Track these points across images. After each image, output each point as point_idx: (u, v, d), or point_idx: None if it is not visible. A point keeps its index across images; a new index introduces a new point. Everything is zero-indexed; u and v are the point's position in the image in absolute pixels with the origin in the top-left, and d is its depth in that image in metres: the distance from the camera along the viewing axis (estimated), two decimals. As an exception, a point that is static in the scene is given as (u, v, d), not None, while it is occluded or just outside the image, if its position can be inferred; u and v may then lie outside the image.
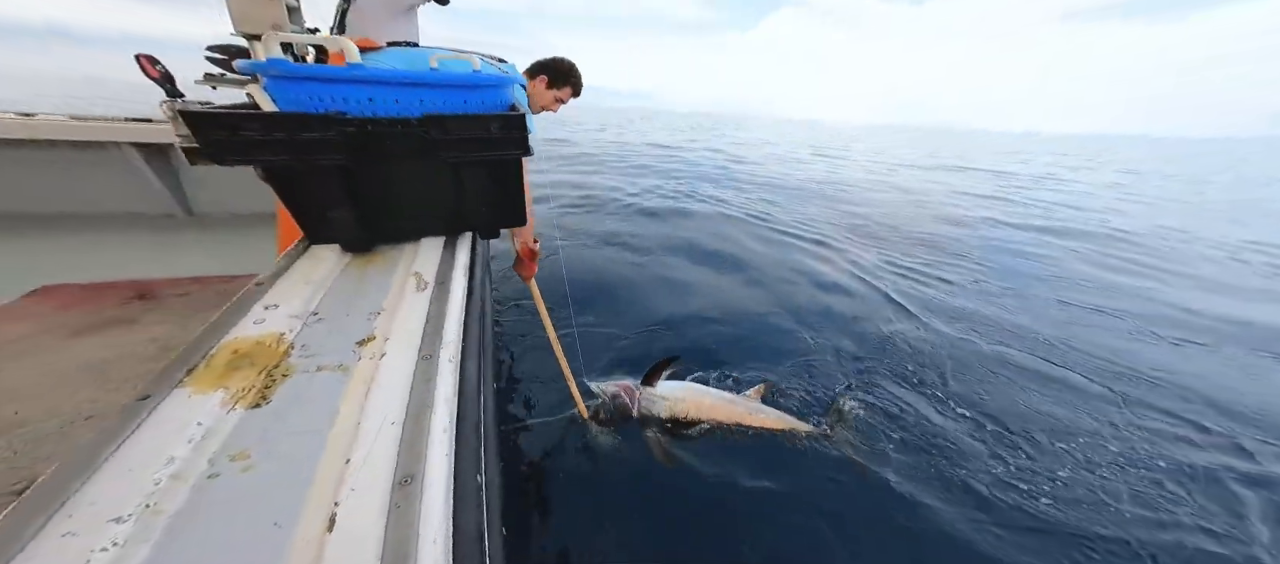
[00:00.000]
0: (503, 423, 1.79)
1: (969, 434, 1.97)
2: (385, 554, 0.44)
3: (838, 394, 2.09)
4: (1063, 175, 13.29)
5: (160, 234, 1.92)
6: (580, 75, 1.66)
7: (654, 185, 6.91)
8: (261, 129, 0.87)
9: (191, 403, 0.58)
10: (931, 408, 2.09)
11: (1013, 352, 2.66)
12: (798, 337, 2.63)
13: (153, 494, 0.47)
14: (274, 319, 0.77)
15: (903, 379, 2.31)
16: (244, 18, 1.05)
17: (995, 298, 3.49)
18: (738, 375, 2.22)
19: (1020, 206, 7.53)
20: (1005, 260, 4.49)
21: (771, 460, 1.74)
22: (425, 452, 0.55)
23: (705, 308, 2.91)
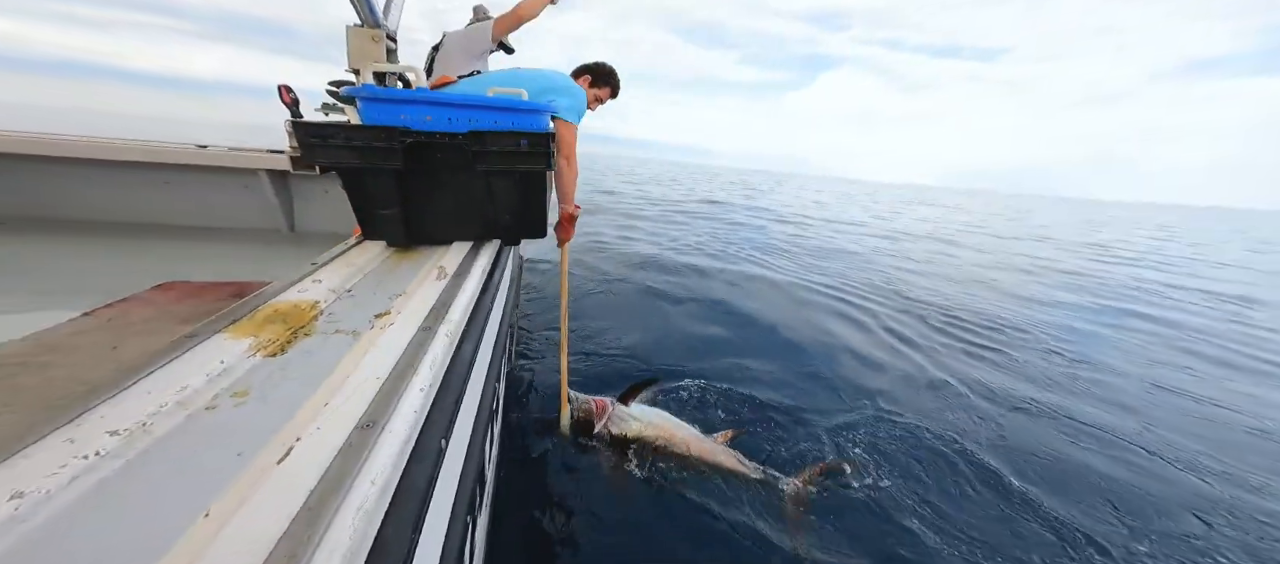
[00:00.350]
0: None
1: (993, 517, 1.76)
2: (320, 485, 0.48)
3: (816, 462, 1.93)
4: (1173, 253, 11.19)
5: (266, 246, 2.25)
6: (619, 79, 1.89)
7: (695, 242, 6.75)
8: (342, 138, 1.14)
9: (224, 346, 0.69)
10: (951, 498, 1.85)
11: (1089, 448, 2.29)
12: (814, 401, 2.46)
13: (154, 416, 0.54)
14: (315, 290, 0.92)
15: (926, 460, 2.06)
16: (355, 55, 1.39)
17: (1068, 382, 3.02)
18: (723, 416, 2.19)
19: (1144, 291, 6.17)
20: (1095, 347, 3.76)
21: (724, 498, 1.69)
22: (396, 405, 0.61)
23: (725, 361, 2.80)
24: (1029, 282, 6.21)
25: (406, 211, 1.25)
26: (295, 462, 0.52)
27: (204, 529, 0.44)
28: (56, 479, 0.45)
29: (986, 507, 1.82)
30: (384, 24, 1.34)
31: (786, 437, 2.10)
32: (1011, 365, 3.23)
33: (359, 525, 0.46)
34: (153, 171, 2.32)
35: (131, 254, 2.01)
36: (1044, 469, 2.06)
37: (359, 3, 1.25)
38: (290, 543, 0.43)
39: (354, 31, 1.31)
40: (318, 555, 0.41)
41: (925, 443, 2.16)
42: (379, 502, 0.50)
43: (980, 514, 1.78)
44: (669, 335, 3.14)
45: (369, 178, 1.18)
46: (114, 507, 0.45)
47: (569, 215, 1.82)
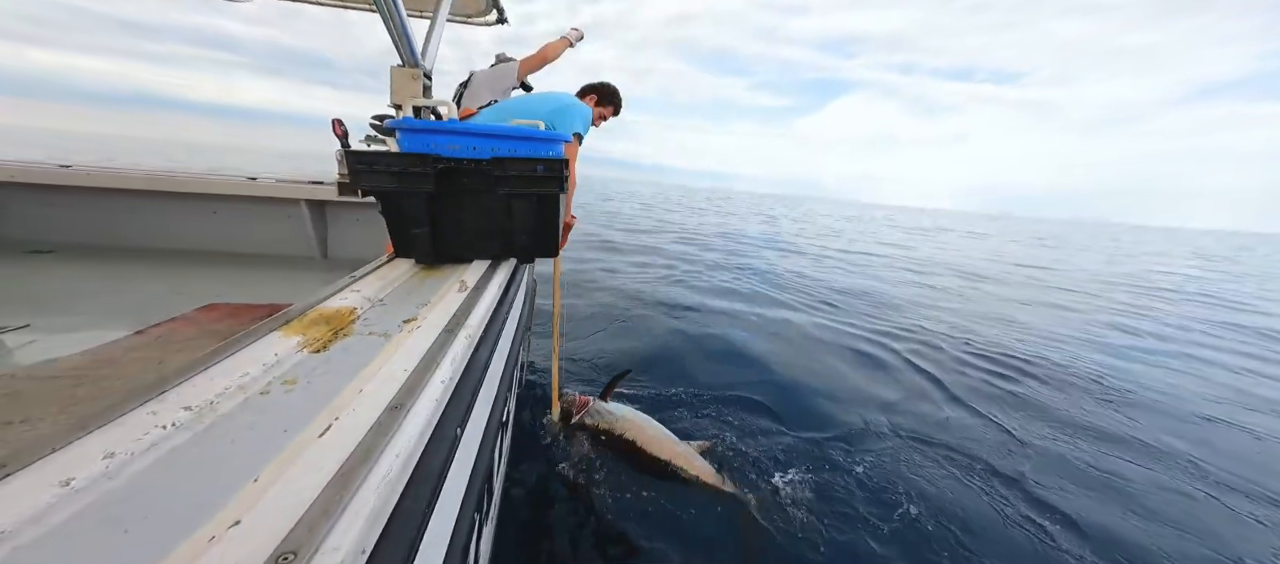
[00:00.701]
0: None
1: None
2: (352, 456, 0.55)
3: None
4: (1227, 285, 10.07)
5: (300, 271, 2.44)
6: (621, 99, 2.05)
7: (703, 269, 6.67)
8: (383, 164, 1.28)
9: (278, 342, 0.80)
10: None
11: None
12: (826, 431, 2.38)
13: (219, 396, 0.63)
14: (353, 298, 1.03)
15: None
16: (397, 91, 1.55)
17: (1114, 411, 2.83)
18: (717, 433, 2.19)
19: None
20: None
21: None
22: (420, 393, 0.69)
23: (732, 386, 2.77)
24: (1096, 321, 5.55)
25: (434, 231, 1.36)
26: (333, 436, 0.59)
27: (254, 489, 0.51)
28: (140, 443, 0.53)
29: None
30: (422, 64, 1.50)
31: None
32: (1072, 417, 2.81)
33: (383, 492, 0.52)
34: (204, 201, 2.54)
35: (180, 278, 2.17)
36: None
37: (401, 46, 1.41)
38: (324, 503, 0.49)
39: (396, 71, 1.47)
40: (345, 515, 0.48)
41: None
42: (401, 474, 0.56)
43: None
44: (684, 376, 2.98)
45: (405, 199, 1.30)
46: (183, 467, 0.53)
47: (566, 224, 1.93)
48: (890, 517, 1.81)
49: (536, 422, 2.11)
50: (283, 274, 2.38)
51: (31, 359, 1.39)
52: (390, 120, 1.35)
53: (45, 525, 0.42)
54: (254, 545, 0.43)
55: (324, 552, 0.43)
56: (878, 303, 5.64)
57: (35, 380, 1.26)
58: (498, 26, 2.68)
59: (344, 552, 0.44)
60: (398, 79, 1.47)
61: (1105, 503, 2.05)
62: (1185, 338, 5.12)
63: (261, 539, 0.44)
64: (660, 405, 2.45)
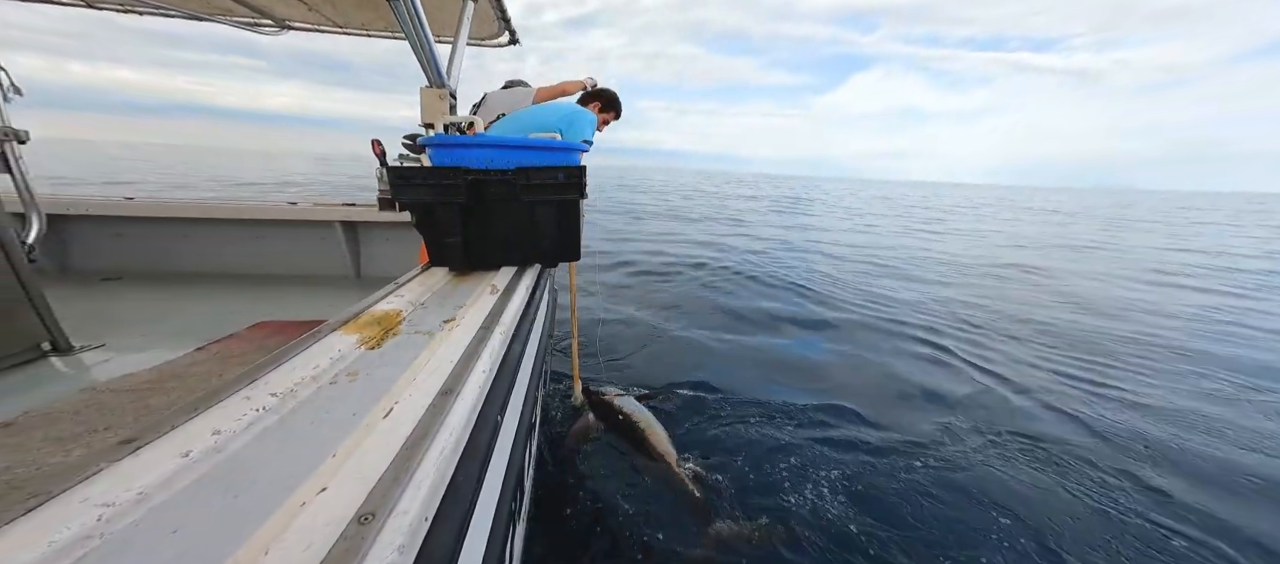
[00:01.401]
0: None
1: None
2: (414, 432, 0.62)
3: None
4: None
5: (337, 290, 2.59)
6: (621, 103, 2.20)
7: (728, 258, 6.47)
8: (420, 178, 1.37)
9: (341, 340, 0.89)
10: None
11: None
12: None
13: (298, 385, 0.71)
14: (398, 302, 1.13)
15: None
16: (427, 112, 1.66)
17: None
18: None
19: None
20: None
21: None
22: (466, 379, 0.78)
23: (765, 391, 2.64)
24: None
25: (466, 239, 1.44)
26: (395, 418, 0.67)
27: (334, 462, 0.57)
28: (240, 423, 0.61)
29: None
30: (448, 84, 1.61)
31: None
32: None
33: (440, 466, 0.58)
34: (249, 227, 2.73)
35: (231, 299, 2.34)
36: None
37: (428, 70, 1.52)
38: (393, 474, 0.55)
39: (425, 92, 1.58)
40: (410, 487, 0.53)
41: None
42: (454, 450, 0.62)
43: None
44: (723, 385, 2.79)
45: (439, 210, 1.38)
46: (275, 443, 0.60)
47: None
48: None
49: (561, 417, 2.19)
50: (321, 293, 2.54)
51: (109, 374, 1.52)
52: (422, 138, 1.45)
53: (172, 489, 0.49)
54: (339, 508, 0.49)
55: (396, 514, 0.49)
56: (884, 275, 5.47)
57: (114, 392, 1.38)
58: (510, 47, 2.83)
59: (412, 515, 0.49)
60: (427, 99, 1.58)
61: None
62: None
63: (344, 503, 0.50)
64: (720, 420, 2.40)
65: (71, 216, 2.55)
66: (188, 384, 1.48)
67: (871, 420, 2.47)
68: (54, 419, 1.26)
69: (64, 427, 1.23)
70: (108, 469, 0.49)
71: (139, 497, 0.47)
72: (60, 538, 0.41)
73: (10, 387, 1.44)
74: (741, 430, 2.31)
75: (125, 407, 1.32)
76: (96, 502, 0.45)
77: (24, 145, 1.63)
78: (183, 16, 2.48)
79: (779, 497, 1.87)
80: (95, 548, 0.42)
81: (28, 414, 1.26)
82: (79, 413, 1.29)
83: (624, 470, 2.01)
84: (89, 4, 2.33)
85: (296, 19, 2.56)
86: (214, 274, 2.71)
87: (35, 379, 1.49)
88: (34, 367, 1.55)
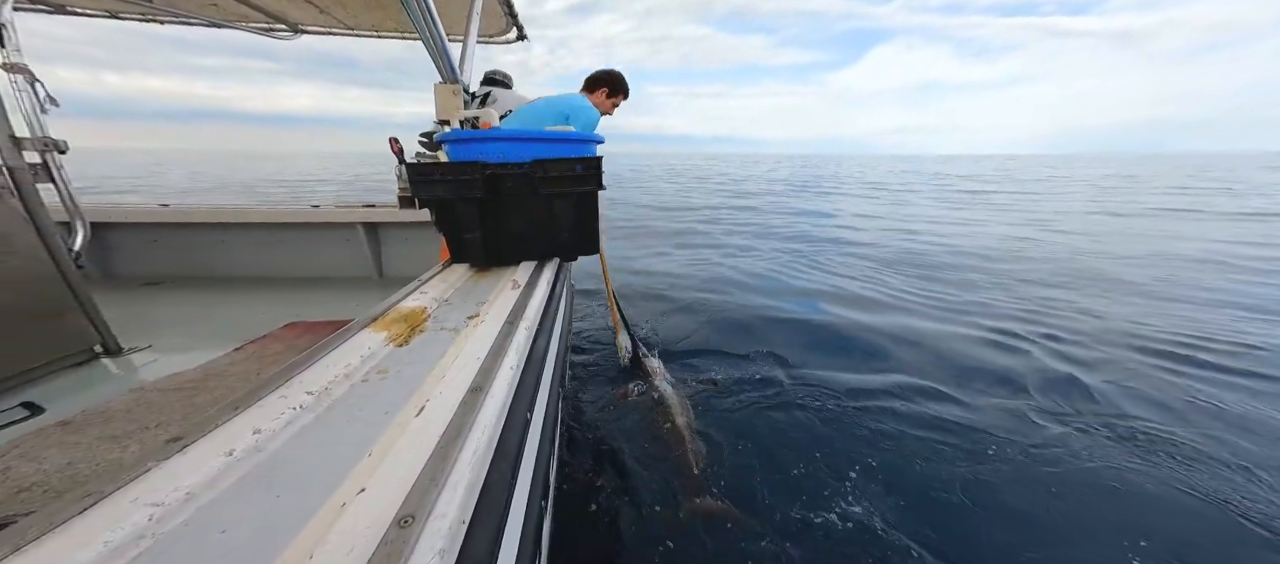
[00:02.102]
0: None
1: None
2: (447, 431, 0.62)
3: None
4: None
5: (362, 290, 2.68)
6: (628, 83, 2.18)
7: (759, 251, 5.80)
8: (439, 174, 1.37)
9: (370, 338, 0.91)
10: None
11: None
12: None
13: (331, 384, 0.73)
14: (423, 299, 1.15)
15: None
16: (441, 108, 1.65)
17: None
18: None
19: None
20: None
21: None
22: (494, 376, 0.78)
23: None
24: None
25: (485, 235, 1.44)
26: (427, 416, 0.67)
27: (370, 462, 0.58)
28: (278, 421, 0.62)
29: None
30: (461, 80, 1.60)
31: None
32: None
33: (475, 466, 0.57)
34: (275, 230, 2.81)
35: (262, 301, 2.43)
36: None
37: (442, 66, 1.51)
38: (429, 475, 0.55)
39: (439, 88, 1.57)
40: (447, 489, 0.53)
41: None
42: (487, 450, 0.62)
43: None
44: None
45: (459, 206, 1.38)
46: (313, 442, 0.61)
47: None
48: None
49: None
50: (345, 293, 2.63)
51: (156, 375, 1.59)
52: (439, 135, 1.45)
53: (218, 489, 0.51)
54: (378, 511, 0.49)
55: (434, 517, 0.48)
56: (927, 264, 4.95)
57: (162, 392, 1.45)
58: (518, 42, 2.81)
59: (450, 518, 0.49)
60: (441, 96, 1.57)
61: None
62: None
63: (384, 505, 0.50)
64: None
65: (112, 224, 2.68)
66: (228, 383, 1.54)
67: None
68: (109, 417, 1.33)
69: (118, 424, 1.30)
70: (156, 468, 0.50)
71: (187, 496, 0.48)
72: (114, 537, 0.43)
73: (67, 387, 1.52)
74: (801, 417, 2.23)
75: (173, 405, 1.39)
76: (146, 501, 0.46)
77: (64, 155, 1.68)
78: (203, 24, 2.54)
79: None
80: (148, 548, 0.43)
81: (85, 412, 1.33)
82: (131, 411, 1.36)
83: (637, 432, 2.06)
84: (112, 14, 2.40)
85: (309, 23, 2.59)
86: (244, 277, 2.82)
87: (89, 379, 1.58)
88: (87, 368, 1.64)
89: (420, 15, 1.33)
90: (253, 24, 2.55)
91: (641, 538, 1.58)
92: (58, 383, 1.54)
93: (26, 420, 1.34)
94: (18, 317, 1.48)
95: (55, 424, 1.27)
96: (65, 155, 1.69)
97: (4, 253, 1.44)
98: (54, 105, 1.62)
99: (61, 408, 1.38)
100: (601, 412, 2.25)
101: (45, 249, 1.53)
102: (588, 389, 2.47)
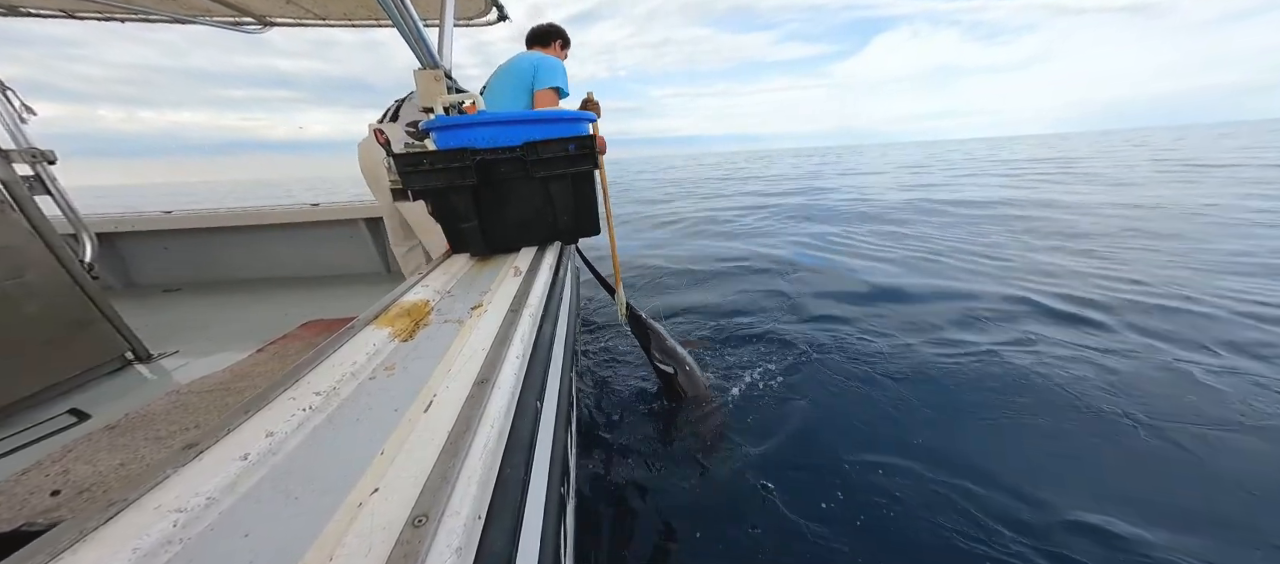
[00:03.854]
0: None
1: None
2: (456, 426, 0.62)
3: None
4: None
5: (371, 286, 2.74)
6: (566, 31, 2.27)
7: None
8: (429, 162, 1.35)
9: (375, 334, 0.91)
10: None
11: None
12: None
13: (339, 383, 0.73)
14: (425, 292, 1.15)
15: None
16: (423, 94, 1.61)
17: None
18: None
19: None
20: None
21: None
22: (500, 366, 0.77)
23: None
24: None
25: (483, 223, 1.43)
26: (435, 412, 0.68)
27: (382, 460, 0.60)
28: (290, 423, 0.64)
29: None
30: (442, 64, 1.54)
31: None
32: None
33: (486, 460, 0.58)
34: (280, 231, 2.85)
35: (277, 302, 2.52)
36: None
37: (419, 51, 1.46)
38: (442, 469, 0.57)
39: (419, 74, 1.53)
40: (459, 485, 0.54)
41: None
42: (498, 443, 0.63)
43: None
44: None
45: (452, 195, 1.37)
46: (325, 442, 0.63)
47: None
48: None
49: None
50: (356, 289, 2.69)
51: (187, 379, 1.68)
52: (425, 123, 1.42)
53: (237, 493, 0.53)
54: (393, 510, 0.51)
55: (449, 514, 0.49)
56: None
57: (195, 394, 1.54)
58: (500, 24, 2.68)
59: (464, 515, 0.49)
60: (422, 82, 1.53)
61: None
62: None
63: (398, 504, 0.51)
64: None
65: (120, 233, 2.74)
66: (256, 383, 1.62)
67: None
68: (150, 420, 1.42)
69: (160, 426, 1.39)
70: (175, 475, 0.52)
71: (208, 501, 0.50)
72: (143, 544, 0.44)
73: (107, 393, 1.62)
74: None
75: (208, 406, 1.47)
76: (170, 508, 0.48)
77: (53, 165, 1.67)
78: (165, 20, 2.45)
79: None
80: (177, 553, 0.45)
81: (129, 417, 1.42)
82: (170, 414, 1.44)
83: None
84: (68, 13, 2.32)
85: (277, 15, 2.50)
86: (256, 279, 2.90)
87: (126, 385, 1.67)
88: (123, 374, 1.74)
89: (390, 0, 1.28)
90: (218, 18, 2.46)
91: (663, 517, 1.58)
92: (98, 389, 1.64)
93: (76, 426, 1.44)
94: (48, 326, 1.55)
95: (103, 428, 1.36)
96: (55, 165, 1.69)
97: (18, 265, 1.48)
98: (31, 114, 1.61)
99: (106, 413, 1.47)
100: (616, 390, 2.26)
101: (57, 261, 1.56)
102: (605, 368, 2.48)
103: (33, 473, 1.19)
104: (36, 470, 1.20)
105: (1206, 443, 1.78)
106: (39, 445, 1.34)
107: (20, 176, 1.55)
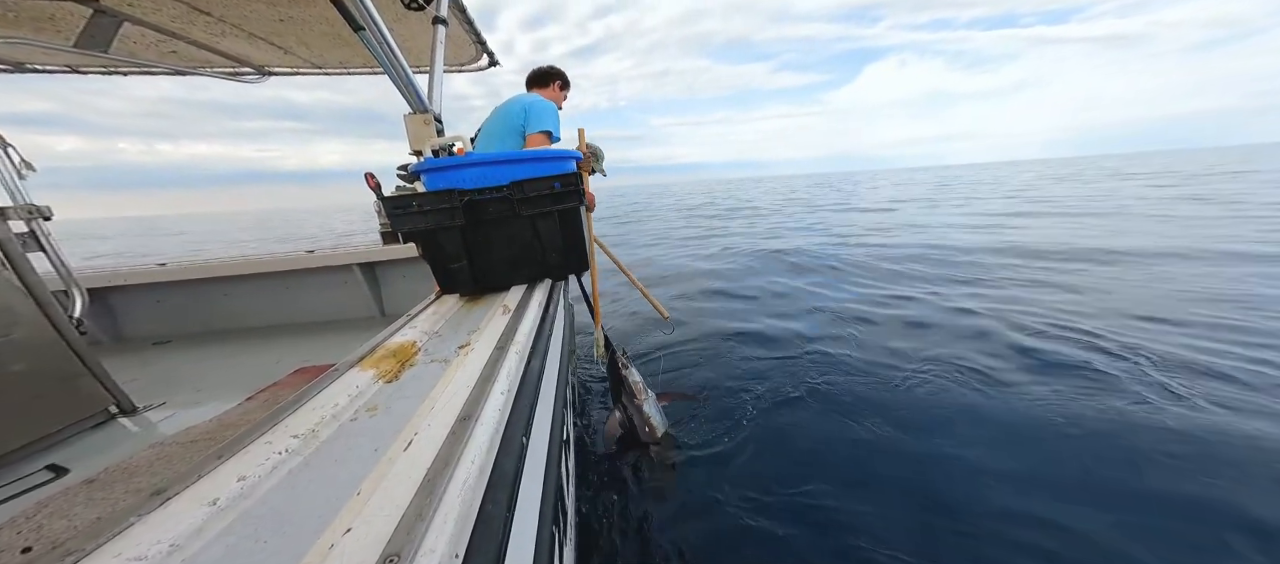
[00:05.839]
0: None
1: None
2: (434, 463, 0.61)
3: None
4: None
5: (364, 330, 2.70)
6: (565, 72, 2.31)
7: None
8: (418, 204, 1.40)
9: (359, 375, 0.92)
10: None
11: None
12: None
13: (318, 425, 0.73)
14: (413, 333, 1.16)
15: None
16: (413, 138, 1.68)
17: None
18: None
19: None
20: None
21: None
22: (484, 403, 0.77)
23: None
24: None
25: (472, 263, 1.47)
26: (415, 449, 0.68)
27: (358, 500, 0.60)
28: (264, 467, 0.64)
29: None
30: (431, 108, 1.63)
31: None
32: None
33: (465, 497, 0.58)
34: (274, 278, 2.87)
35: (269, 350, 2.50)
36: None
37: (409, 96, 1.54)
38: (417, 507, 0.56)
39: (409, 119, 1.60)
40: (436, 519, 0.54)
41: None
42: (479, 479, 0.62)
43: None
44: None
45: (441, 235, 1.41)
46: (300, 485, 0.63)
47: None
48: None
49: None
50: (350, 335, 2.67)
51: (173, 429, 1.65)
52: (414, 166, 1.48)
53: (204, 538, 0.52)
54: (365, 550, 0.50)
55: (423, 553, 0.49)
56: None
57: (180, 445, 1.51)
58: (492, 69, 2.84)
59: (439, 553, 0.49)
60: (413, 126, 1.60)
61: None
62: None
63: (370, 543, 0.51)
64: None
65: (113, 287, 2.75)
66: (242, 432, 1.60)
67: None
68: (131, 472, 1.38)
69: (141, 478, 1.35)
70: (139, 522, 0.52)
71: (171, 548, 0.49)
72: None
73: (88, 448, 1.59)
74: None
75: (191, 457, 1.43)
76: (129, 556, 0.47)
77: (49, 221, 1.70)
78: (165, 72, 2.55)
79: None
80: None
81: (108, 470, 1.39)
82: (152, 466, 1.41)
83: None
84: (74, 69, 2.41)
85: (275, 64, 2.61)
86: (250, 328, 2.89)
87: (109, 439, 1.64)
88: (105, 428, 1.71)
89: (381, 51, 1.36)
90: (217, 69, 2.56)
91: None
92: (79, 445, 1.61)
93: (53, 481, 1.41)
94: (31, 384, 1.53)
95: (81, 483, 1.33)
96: (50, 221, 1.73)
97: (7, 325, 1.49)
98: (30, 170, 1.65)
99: (85, 467, 1.44)
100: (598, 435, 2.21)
101: (46, 318, 1.57)
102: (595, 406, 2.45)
103: (5, 530, 1.15)
104: (9, 527, 1.16)
105: None
106: (13, 503, 1.30)
107: (15, 234, 1.57)
